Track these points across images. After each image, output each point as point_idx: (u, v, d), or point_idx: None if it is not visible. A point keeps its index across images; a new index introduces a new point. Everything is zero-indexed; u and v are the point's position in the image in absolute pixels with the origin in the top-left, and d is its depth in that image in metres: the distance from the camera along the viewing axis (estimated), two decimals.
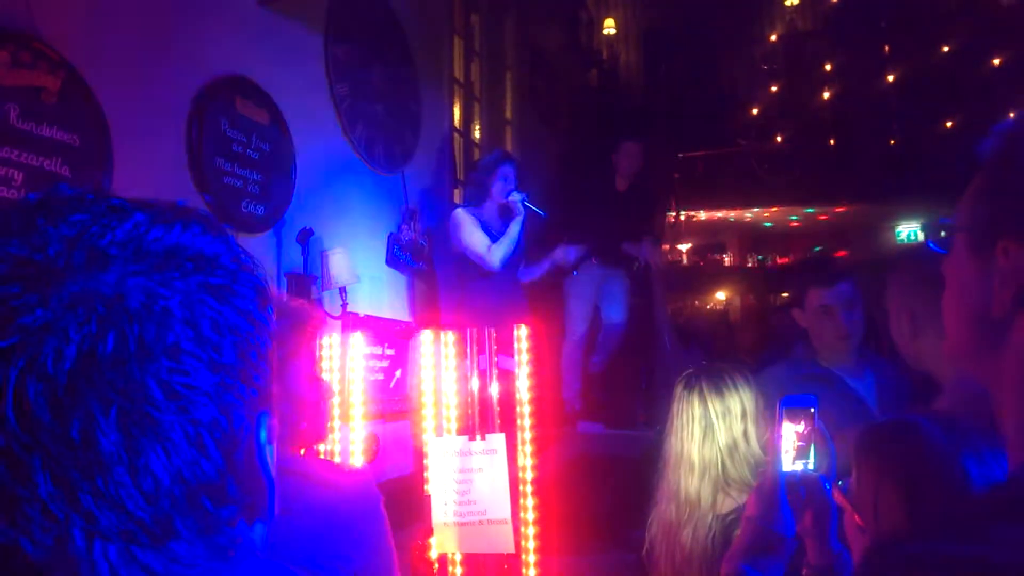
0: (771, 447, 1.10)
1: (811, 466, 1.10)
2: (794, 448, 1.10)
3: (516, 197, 3.55)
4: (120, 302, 0.41)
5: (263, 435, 0.48)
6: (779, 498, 1.07)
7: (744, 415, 1.51)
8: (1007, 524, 0.47)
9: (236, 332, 0.45)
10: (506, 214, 3.64)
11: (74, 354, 0.39)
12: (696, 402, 1.53)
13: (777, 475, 1.09)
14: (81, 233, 0.42)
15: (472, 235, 3.49)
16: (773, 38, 8.56)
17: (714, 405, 1.51)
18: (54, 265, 0.41)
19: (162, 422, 0.41)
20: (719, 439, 1.50)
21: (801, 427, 1.10)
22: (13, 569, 0.40)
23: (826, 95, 7.78)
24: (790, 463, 1.10)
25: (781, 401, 1.12)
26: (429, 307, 4.41)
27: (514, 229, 3.51)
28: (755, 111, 8.06)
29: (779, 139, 7.91)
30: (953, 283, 0.66)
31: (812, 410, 1.11)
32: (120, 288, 0.41)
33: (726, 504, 1.50)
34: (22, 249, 0.41)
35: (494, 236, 3.53)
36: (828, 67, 7.86)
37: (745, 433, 1.51)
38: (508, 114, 6.32)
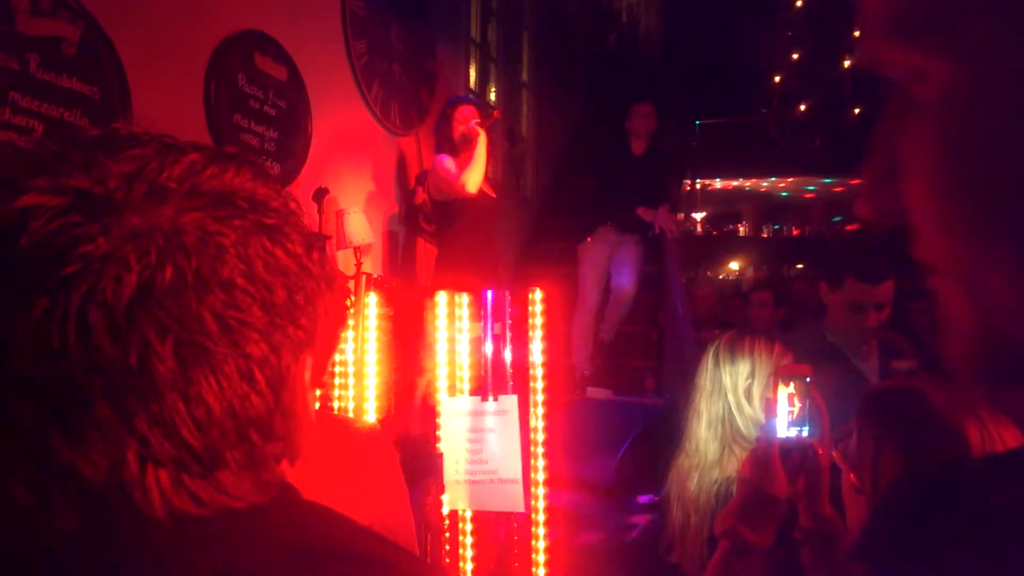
0: (767, 413, 1.15)
1: (806, 433, 1.14)
2: (790, 415, 1.14)
3: (463, 128, 3.41)
4: (177, 236, 0.42)
5: (307, 376, 0.49)
6: (773, 461, 1.11)
7: (751, 375, 1.59)
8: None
9: (286, 274, 0.46)
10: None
11: (134, 283, 0.40)
12: (711, 360, 1.65)
13: (772, 440, 1.13)
14: (140, 168, 0.43)
15: (448, 167, 3.36)
16: (798, 3, 8.35)
17: (725, 363, 1.61)
18: (114, 197, 0.42)
19: (216, 354, 0.42)
20: (727, 396, 1.59)
21: (797, 395, 1.14)
22: (72, 490, 0.41)
23: (847, 63, 7.60)
24: (785, 429, 1.14)
25: (777, 370, 1.17)
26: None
27: (479, 151, 3.36)
28: (777, 78, 7.89)
29: (802, 108, 7.76)
30: None
31: (807, 379, 1.15)
32: (177, 223, 0.42)
33: (731, 463, 1.56)
34: (83, 181, 0.42)
35: None
36: (855, 34, 7.66)
37: (748, 392, 1.58)
38: (524, 76, 6.23)
